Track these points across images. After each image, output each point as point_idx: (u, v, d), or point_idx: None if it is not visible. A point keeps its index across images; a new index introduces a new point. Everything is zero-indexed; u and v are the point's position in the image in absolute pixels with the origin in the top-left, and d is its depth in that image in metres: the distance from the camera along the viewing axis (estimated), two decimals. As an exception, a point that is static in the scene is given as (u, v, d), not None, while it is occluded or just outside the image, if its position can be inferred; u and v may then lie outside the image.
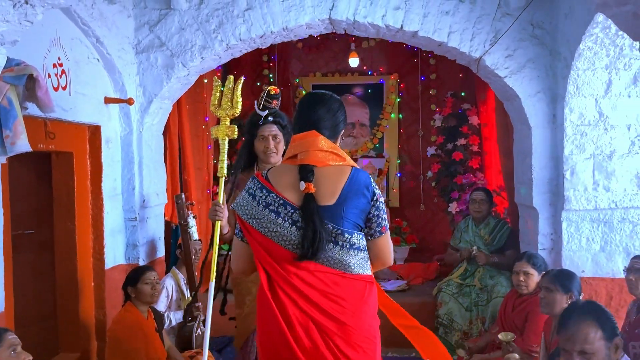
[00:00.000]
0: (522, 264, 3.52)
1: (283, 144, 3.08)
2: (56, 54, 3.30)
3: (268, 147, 3.03)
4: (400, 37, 4.21)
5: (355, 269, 2.06)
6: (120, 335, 3.26)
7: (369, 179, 2.09)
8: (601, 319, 2.12)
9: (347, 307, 2.02)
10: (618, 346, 2.10)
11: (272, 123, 3.04)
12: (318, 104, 2.17)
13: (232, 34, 4.07)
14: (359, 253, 2.06)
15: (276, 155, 3.06)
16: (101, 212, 3.83)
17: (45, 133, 3.29)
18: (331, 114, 2.15)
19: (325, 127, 2.13)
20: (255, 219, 2.04)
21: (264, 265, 2.04)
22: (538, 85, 3.98)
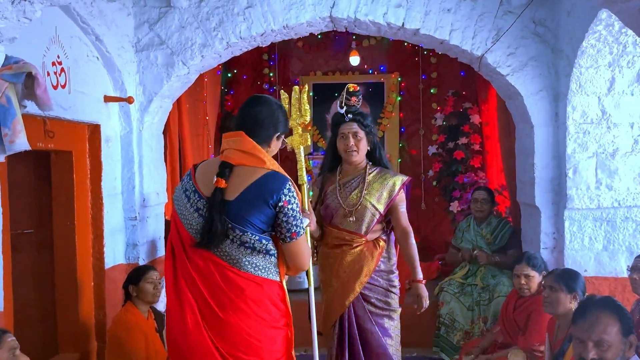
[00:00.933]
0: (522, 267, 3.50)
1: (366, 142, 3.10)
2: (55, 52, 3.27)
3: (348, 145, 3.06)
4: (401, 35, 4.19)
5: (249, 268, 2.15)
6: (120, 336, 3.24)
7: (282, 186, 2.14)
8: (620, 314, 2.12)
9: (227, 303, 2.13)
10: (632, 344, 2.08)
11: (352, 121, 3.07)
12: (253, 108, 2.30)
13: (233, 32, 4.05)
14: (256, 254, 2.16)
15: (357, 154, 3.09)
16: (101, 211, 3.80)
17: (45, 132, 3.27)
18: (259, 122, 2.25)
19: (253, 131, 2.24)
20: (177, 200, 2.26)
21: (173, 243, 2.22)
22: (540, 84, 3.96)
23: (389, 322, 3.15)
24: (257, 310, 2.16)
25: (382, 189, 3.11)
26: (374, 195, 3.09)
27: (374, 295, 3.10)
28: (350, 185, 3.14)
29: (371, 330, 3.06)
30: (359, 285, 3.06)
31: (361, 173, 3.15)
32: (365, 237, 3.11)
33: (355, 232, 3.11)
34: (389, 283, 3.15)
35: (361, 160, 3.15)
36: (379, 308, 3.11)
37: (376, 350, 3.06)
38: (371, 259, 3.09)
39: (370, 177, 3.14)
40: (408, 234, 3.14)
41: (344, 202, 3.10)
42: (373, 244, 3.13)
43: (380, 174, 3.16)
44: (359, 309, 3.07)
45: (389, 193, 3.11)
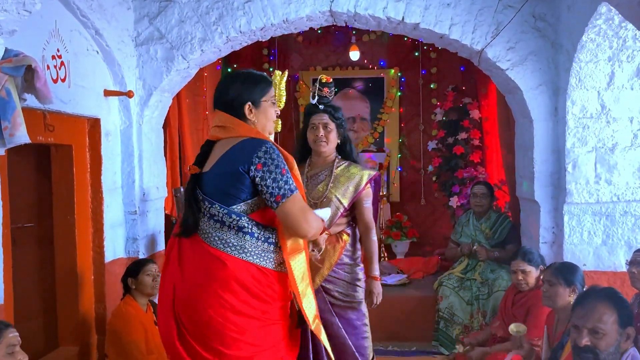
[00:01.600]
0: (518, 263, 3.51)
1: (336, 134, 3.07)
2: (55, 45, 3.27)
3: (317, 136, 3.04)
4: (401, 30, 4.18)
5: (218, 244, 2.08)
6: (120, 329, 3.25)
7: (255, 149, 2.06)
8: (618, 305, 2.13)
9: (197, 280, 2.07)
10: (630, 336, 2.10)
11: (323, 112, 3.06)
12: (220, 84, 2.29)
13: (232, 26, 4.04)
14: (227, 230, 2.08)
15: (326, 144, 3.06)
16: (101, 205, 3.81)
17: (45, 125, 3.26)
18: (224, 92, 2.22)
19: (221, 104, 2.23)
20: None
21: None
22: (540, 78, 3.95)
23: (353, 314, 3.12)
24: (221, 291, 2.04)
25: (348, 182, 3.08)
26: (339, 189, 3.07)
27: (335, 288, 3.08)
28: (317, 177, 3.13)
29: (330, 321, 3.03)
30: (319, 278, 3.04)
31: (329, 166, 3.14)
32: (328, 230, 3.03)
33: None
34: (352, 276, 3.12)
35: (330, 153, 3.13)
36: (341, 300, 3.09)
37: (334, 341, 2.98)
38: (333, 252, 3.07)
39: (337, 170, 3.12)
40: (370, 229, 3.13)
41: (310, 194, 3.06)
42: (335, 238, 3.10)
43: (348, 168, 3.13)
44: (320, 301, 2.98)
45: (355, 187, 3.08)
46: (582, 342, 2.11)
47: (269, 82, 2.31)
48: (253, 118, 2.21)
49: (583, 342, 2.11)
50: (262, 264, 2.11)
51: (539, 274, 3.48)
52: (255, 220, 2.11)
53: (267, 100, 2.25)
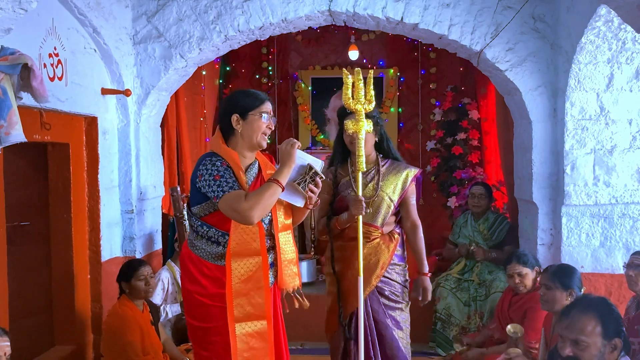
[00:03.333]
0: (513, 266, 3.49)
1: (372, 134, 3.08)
2: (52, 43, 3.25)
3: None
4: (400, 30, 4.17)
5: (189, 242, 2.51)
6: (116, 329, 3.24)
7: (199, 164, 2.39)
8: (604, 316, 2.11)
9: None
10: (616, 347, 2.08)
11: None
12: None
13: (231, 25, 4.03)
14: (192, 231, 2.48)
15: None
16: (97, 204, 3.80)
17: (41, 124, 3.26)
18: (221, 106, 2.52)
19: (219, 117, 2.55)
20: None
21: None
22: (539, 79, 3.95)
23: (401, 315, 3.16)
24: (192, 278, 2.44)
25: (396, 180, 3.13)
26: (389, 187, 3.11)
27: (388, 288, 3.11)
28: (365, 177, 3.12)
29: (385, 324, 3.08)
30: (375, 279, 3.07)
31: (373, 165, 3.16)
32: (381, 229, 3.12)
33: (371, 224, 3.10)
34: (400, 276, 3.18)
35: (369, 153, 3.12)
36: (392, 301, 3.12)
37: (390, 344, 3.08)
38: (387, 252, 3.11)
39: (384, 168, 3.15)
40: (418, 227, 3.18)
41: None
42: (389, 237, 3.15)
43: (394, 166, 3.18)
44: (374, 302, 3.08)
45: (403, 185, 3.13)
46: (564, 353, 2.13)
47: (262, 99, 2.47)
48: (239, 128, 2.44)
49: (565, 352, 2.12)
50: (206, 259, 2.42)
51: (535, 275, 3.47)
52: (206, 222, 2.41)
53: (256, 114, 2.43)
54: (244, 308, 2.37)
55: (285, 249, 2.52)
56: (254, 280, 2.38)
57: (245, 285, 2.37)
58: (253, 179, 2.49)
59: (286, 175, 2.38)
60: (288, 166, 2.39)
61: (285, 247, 2.52)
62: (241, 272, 2.38)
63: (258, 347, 2.38)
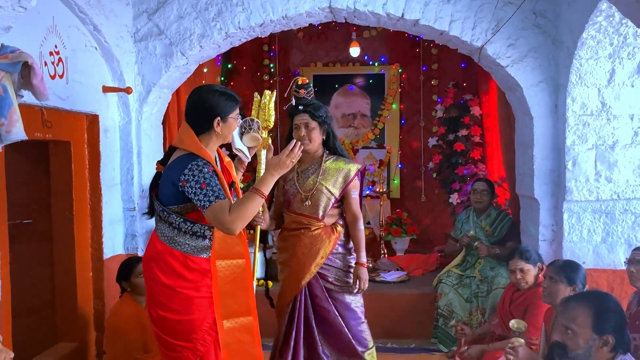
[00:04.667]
0: (515, 262, 3.49)
1: (319, 131, 3.24)
2: (53, 41, 3.26)
3: (300, 136, 3.19)
4: (401, 26, 4.17)
5: (159, 233, 2.50)
6: (118, 326, 3.25)
7: (183, 167, 2.37)
8: (599, 310, 2.12)
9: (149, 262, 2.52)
10: (607, 343, 2.08)
11: (303, 112, 3.22)
12: (192, 95, 2.56)
13: (232, 22, 4.03)
14: (163, 223, 2.47)
15: (310, 143, 3.21)
16: (99, 202, 3.81)
17: (42, 122, 3.27)
18: (197, 104, 2.51)
19: (189, 115, 2.54)
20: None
21: None
22: (540, 75, 3.94)
23: (350, 297, 3.29)
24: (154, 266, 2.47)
25: (337, 174, 3.26)
26: (329, 181, 3.25)
27: (331, 275, 3.26)
28: (307, 172, 3.30)
29: (328, 309, 3.22)
30: (314, 267, 3.21)
31: (317, 160, 3.31)
32: (323, 221, 3.26)
33: (311, 215, 3.26)
34: (346, 263, 3.31)
35: (316, 149, 3.29)
36: (337, 285, 3.27)
37: (333, 328, 3.23)
38: (328, 242, 3.24)
39: (326, 164, 3.29)
40: (357, 219, 3.29)
41: (301, 187, 3.27)
42: (330, 229, 3.28)
43: (336, 161, 3.31)
44: (317, 289, 3.23)
45: (344, 178, 3.26)
46: (554, 337, 2.21)
47: (237, 100, 2.58)
48: (219, 130, 2.51)
49: (554, 337, 2.20)
50: (191, 253, 2.45)
51: (537, 272, 3.46)
52: (190, 218, 2.44)
53: (233, 117, 2.55)
54: (231, 307, 2.51)
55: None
56: (239, 281, 2.53)
57: (231, 286, 2.51)
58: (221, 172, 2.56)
59: (270, 185, 2.44)
60: (273, 177, 2.45)
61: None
62: (226, 274, 2.50)
63: (245, 340, 2.55)
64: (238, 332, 2.52)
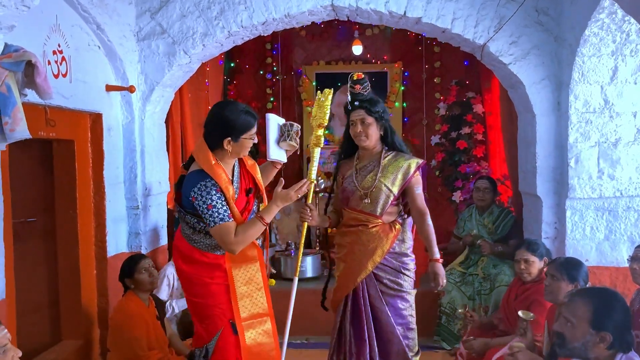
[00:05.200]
0: (521, 252, 3.49)
1: (376, 127, 3.17)
2: (56, 40, 3.27)
3: (356, 132, 3.15)
4: (403, 24, 4.17)
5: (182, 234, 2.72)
6: (122, 324, 3.26)
7: (193, 185, 2.53)
8: (601, 307, 2.12)
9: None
10: (604, 340, 2.08)
11: (359, 108, 3.15)
12: (212, 110, 2.71)
13: (234, 20, 4.04)
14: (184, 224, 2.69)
15: (367, 139, 3.16)
16: (103, 200, 3.82)
17: (46, 120, 3.28)
18: (213, 120, 2.63)
19: (205, 129, 2.67)
20: None
21: None
22: (543, 72, 3.94)
23: (402, 303, 3.22)
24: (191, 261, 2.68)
25: (396, 171, 3.17)
26: (388, 178, 3.15)
27: (385, 276, 3.18)
28: (366, 169, 3.22)
29: (381, 309, 3.16)
30: (371, 264, 3.15)
31: (376, 157, 3.23)
32: (381, 218, 3.18)
33: (370, 213, 3.18)
34: (401, 265, 3.22)
35: (373, 145, 3.21)
36: (390, 288, 3.19)
37: (384, 329, 3.16)
38: (386, 240, 3.16)
39: (385, 160, 3.20)
40: (424, 214, 3.20)
41: (360, 184, 3.18)
42: (389, 226, 3.20)
43: (395, 157, 3.22)
44: (371, 287, 3.17)
45: (404, 175, 3.16)
46: (554, 327, 2.23)
47: (253, 123, 2.63)
48: (229, 149, 2.60)
49: (554, 327, 2.22)
50: (205, 250, 2.66)
51: (542, 265, 3.46)
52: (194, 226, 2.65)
53: (247, 137, 2.61)
54: (249, 309, 2.65)
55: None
56: (254, 282, 2.68)
57: (247, 287, 2.66)
58: (238, 181, 2.72)
59: (273, 214, 2.62)
60: (278, 207, 2.64)
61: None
62: (243, 277, 2.67)
63: (265, 342, 2.67)
64: (258, 335, 2.66)
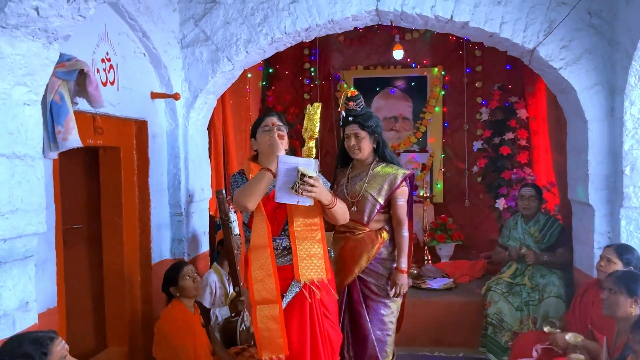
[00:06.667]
0: (609, 250, 3.37)
1: (368, 140, 3.37)
2: (104, 48, 3.30)
3: (349, 145, 3.37)
4: (449, 28, 4.09)
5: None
6: (168, 331, 3.26)
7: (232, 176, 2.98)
8: None
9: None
10: None
11: (353, 123, 3.35)
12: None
13: (277, 27, 4.02)
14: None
15: (359, 152, 3.37)
16: (148, 207, 3.83)
17: (94, 128, 3.30)
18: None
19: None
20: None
21: None
22: (595, 77, 3.80)
23: (384, 309, 3.36)
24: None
25: (383, 182, 3.34)
26: (374, 188, 3.34)
27: (371, 280, 3.35)
28: (356, 178, 3.43)
29: (359, 312, 3.34)
30: (357, 269, 3.34)
31: (367, 168, 3.42)
32: (368, 226, 3.37)
33: (357, 220, 3.35)
34: (388, 271, 3.37)
35: (366, 157, 3.40)
36: (375, 294, 3.35)
37: (359, 332, 3.34)
38: (371, 247, 3.34)
39: (374, 171, 3.39)
40: (401, 225, 3.34)
41: (348, 193, 3.40)
42: (375, 233, 3.37)
43: (384, 168, 3.39)
44: (354, 291, 3.36)
45: (390, 185, 3.33)
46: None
47: (263, 117, 2.95)
48: (255, 147, 2.95)
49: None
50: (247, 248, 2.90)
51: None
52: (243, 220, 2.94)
53: (260, 131, 2.89)
54: (261, 293, 2.76)
55: (304, 244, 2.81)
56: (266, 267, 2.77)
57: (260, 272, 2.77)
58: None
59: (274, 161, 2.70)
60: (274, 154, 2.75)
61: (305, 243, 2.81)
62: (258, 262, 2.78)
63: (273, 328, 2.74)
64: (267, 320, 2.74)
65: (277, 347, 2.73)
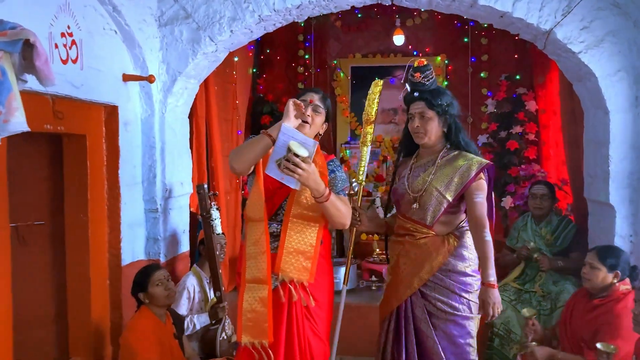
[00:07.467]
0: (592, 255, 3.09)
1: (437, 123, 2.79)
2: (65, 21, 2.90)
3: (413, 127, 2.81)
4: (456, 8, 3.70)
5: None
6: (133, 344, 2.89)
7: None
8: None
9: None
10: None
11: (418, 100, 2.79)
12: None
13: (265, 3, 3.63)
14: None
15: (425, 136, 2.80)
16: (118, 202, 3.46)
17: (53, 112, 2.92)
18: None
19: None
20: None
21: None
22: (619, 63, 3.43)
23: (455, 329, 2.77)
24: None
25: (453, 173, 2.74)
26: (441, 181, 2.74)
27: (436, 296, 2.76)
28: (420, 169, 2.86)
29: (426, 334, 2.76)
30: (417, 282, 2.77)
31: (435, 156, 2.83)
32: (432, 228, 2.78)
33: (419, 221, 2.81)
34: (457, 285, 2.77)
35: (434, 143, 2.82)
36: (441, 311, 2.76)
37: (430, 357, 2.75)
38: (435, 255, 2.76)
39: (442, 160, 2.80)
40: (480, 226, 2.69)
41: (410, 187, 2.83)
42: (441, 239, 2.78)
43: (456, 157, 2.79)
44: (417, 308, 2.79)
45: (462, 178, 2.72)
46: None
47: (310, 89, 2.69)
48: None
49: None
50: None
51: (610, 279, 2.99)
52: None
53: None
54: (252, 271, 2.53)
55: (295, 238, 2.54)
56: (259, 244, 2.52)
57: (254, 248, 2.54)
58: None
59: (277, 127, 2.39)
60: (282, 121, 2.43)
61: (296, 237, 2.54)
62: (253, 237, 2.55)
63: (259, 311, 2.50)
64: (254, 301, 2.51)
65: (261, 332, 2.48)
